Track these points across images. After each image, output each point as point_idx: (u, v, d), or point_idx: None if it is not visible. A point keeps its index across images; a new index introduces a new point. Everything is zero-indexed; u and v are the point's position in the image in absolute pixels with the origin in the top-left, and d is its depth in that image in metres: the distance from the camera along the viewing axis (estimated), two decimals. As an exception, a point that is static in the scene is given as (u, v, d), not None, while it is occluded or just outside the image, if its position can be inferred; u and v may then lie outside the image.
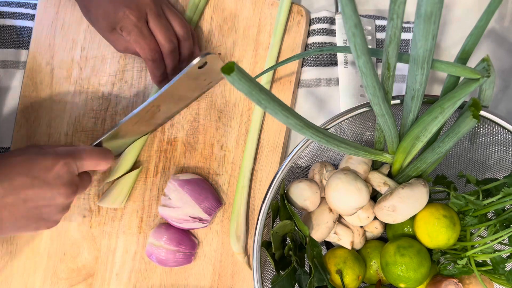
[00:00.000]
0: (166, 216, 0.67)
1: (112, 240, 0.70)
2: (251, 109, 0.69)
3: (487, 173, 0.61)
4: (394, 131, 0.51)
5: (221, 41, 0.70)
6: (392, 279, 0.56)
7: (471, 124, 0.47)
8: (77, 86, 0.72)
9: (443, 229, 0.54)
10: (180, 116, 0.70)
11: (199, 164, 0.70)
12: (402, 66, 0.64)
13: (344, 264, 0.57)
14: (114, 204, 0.68)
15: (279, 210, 0.58)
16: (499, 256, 0.54)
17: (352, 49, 0.41)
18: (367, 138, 0.63)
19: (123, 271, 0.70)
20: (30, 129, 0.72)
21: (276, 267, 0.57)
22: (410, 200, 0.54)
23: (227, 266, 0.68)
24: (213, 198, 0.67)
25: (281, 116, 0.43)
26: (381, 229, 0.61)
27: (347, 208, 0.55)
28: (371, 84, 0.45)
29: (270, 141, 0.68)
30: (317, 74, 0.69)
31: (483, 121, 0.56)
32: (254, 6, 0.69)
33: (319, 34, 0.69)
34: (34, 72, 0.72)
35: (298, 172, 0.62)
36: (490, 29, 0.67)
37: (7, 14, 0.73)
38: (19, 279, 0.71)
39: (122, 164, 0.69)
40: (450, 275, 0.57)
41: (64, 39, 0.72)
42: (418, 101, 0.49)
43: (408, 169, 0.56)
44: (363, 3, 0.70)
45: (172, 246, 0.66)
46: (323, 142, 0.48)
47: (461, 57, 0.51)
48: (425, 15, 0.39)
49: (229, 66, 0.36)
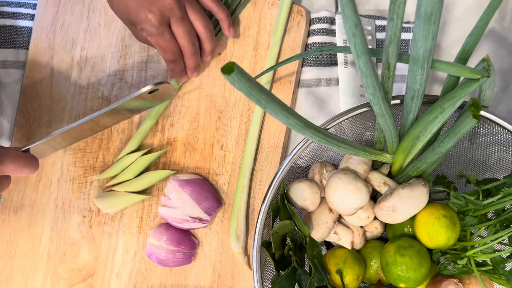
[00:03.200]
0: (166, 216, 0.67)
1: (112, 240, 0.70)
2: (251, 109, 0.69)
3: (487, 173, 0.61)
4: (394, 131, 0.51)
5: (221, 41, 0.70)
6: (392, 279, 0.56)
7: (471, 124, 0.47)
8: (77, 86, 0.72)
9: (443, 229, 0.54)
10: (180, 116, 0.70)
11: (199, 164, 0.70)
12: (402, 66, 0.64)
13: (344, 264, 0.57)
14: (107, 210, 0.68)
15: (279, 210, 0.58)
16: (499, 256, 0.54)
17: (352, 49, 0.41)
18: (367, 138, 0.63)
19: (123, 271, 0.70)
20: (30, 129, 0.72)
21: (276, 267, 0.57)
22: (410, 200, 0.54)
23: (227, 266, 0.68)
24: (213, 198, 0.67)
25: (281, 116, 0.43)
26: (381, 229, 0.61)
27: (347, 208, 0.55)
28: (371, 84, 0.45)
29: (270, 141, 0.68)
30: (317, 74, 0.69)
31: (483, 121, 0.56)
32: (254, 6, 0.69)
33: (319, 34, 0.69)
34: (34, 72, 0.72)
35: (298, 172, 0.62)
36: (490, 29, 0.67)
37: (7, 14, 0.73)
38: (19, 279, 0.71)
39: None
40: (450, 275, 0.57)
41: (64, 39, 0.72)
42: (418, 101, 0.49)
43: (408, 169, 0.56)
44: (363, 3, 0.70)
45: (172, 246, 0.66)
46: (323, 142, 0.48)
47: (461, 57, 0.51)
48: (425, 15, 0.39)
49: (229, 66, 0.36)
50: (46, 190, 0.71)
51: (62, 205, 0.71)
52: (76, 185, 0.71)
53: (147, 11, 0.60)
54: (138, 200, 0.69)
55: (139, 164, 0.69)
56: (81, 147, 0.71)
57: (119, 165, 0.69)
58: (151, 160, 0.69)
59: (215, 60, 0.70)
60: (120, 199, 0.68)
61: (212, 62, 0.70)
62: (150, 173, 0.69)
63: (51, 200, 0.71)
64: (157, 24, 0.61)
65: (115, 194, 0.69)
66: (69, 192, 0.71)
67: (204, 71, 0.70)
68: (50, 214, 0.71)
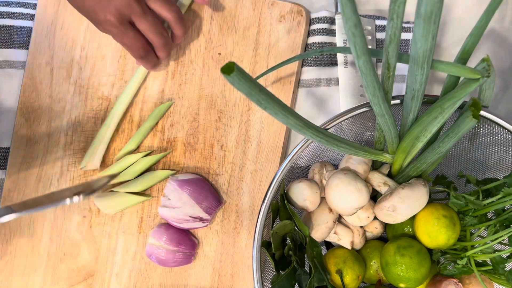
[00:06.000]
0: (166, 217, 0.67)
1: (112, 240, 0.70)
2: (251, 109, 0.69)
3: (487, 173, 0.61)
4: (394, 131, 0.51)
5: (221, 41, 0.70)
6: (392, 279, 0.56)
7: (471, 124, 0.47)
8: (77, 86, 0.72)
9: (443, 229, 0.54)
10: (180, 116, 0.70)
11: (199, 164, 0.70)
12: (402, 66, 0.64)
13: (344, 264, 0.57)
14: (107, 210, 0.68)
15: (279, 210, 0.58)
16: (499, 256, 0.54)
17: (352, 49, 0.41)
18: (367, 138, 0.63)
19: (123, 271, 0.70)
20: (30, 129, 0.72)
21: (276, 267, 0.57)
22: (410, 200, 0.54)
23: (227, 266, 0.68)
24: (212, 197, 0.67)
25: (281, 116, 0.43)
26: (381, 229, 0.61)
27: (347, 208, 0.55)
28: (371, 84, 0.45)
29: (270, 141, 0.68)
30: (317, 74, 0.69)
31: (483, 121, 0.56)
32: (254, 6, 0.69)
33: (319, 34, 0.69)
34: (34, 72, 0.72)
35: (298, 172, 0.62)
36: (490, 29, 0.67)
37: (7, 14, 0.73)
38: (19, 279, 0.71)
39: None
40: (450, 275, 0.57)
41: (64, 39, 0.72)
42: (418, 101, 0.49)
43: (408, 169, 0.56)
44: (363, 3, 0.70)
45: (172, 246, 0.66)
46: (323, 142, 0.48)
47: (461, 57, 0.51)
48: (425, 15, 0.39)
49: (229, 66, 0.36)
50: (46, 190, 0.71)
51: (62, 205, 0.71)
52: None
53: (105, 11, 0.58)
54: (138, 202, 0.69)
55: (140, 165, 0.69)
56: (81, 147, 0.71)
57: (119, 165, 0.69)
58: (152, 161, 0.69)
59: (215, 60, 0.70)
60: (120, 199, 0.68)
61: (212, 62, 0.70)
62: (151, 173, 0.69)
63: (51, 200, 0.71)
64: (117, 24, 0.59)
65: (115, 194, 0.69)
66: (69, 192, 0.71)
67: (204, 71, 0.70)
68: (50, 214, 0.71)
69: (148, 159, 0.69)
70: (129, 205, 0.69)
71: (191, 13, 0.70)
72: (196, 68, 0.70)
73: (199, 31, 0.70)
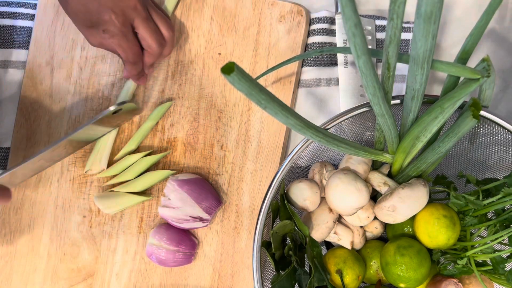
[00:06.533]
0: (166, 217, 0.67)
1: (112, 240, 0.70)
2: (251, 109, 0.69)
3: (487, 173, 0.61)
4: (394, 131, 0.51)
5: (221, 41, 0.70)
6: (392, 279, 0.56)
7: (471, 124, 0.47)
8: (77, 86, 0.72)
9: (443, 229, 0.54)
10: (180, 116, 0.70)
11: (199, 164, 0.70)
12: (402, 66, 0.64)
13: (344, 264, 0.57)
14: (107, 210, 0.68)
15: (279, 210, 0.58)
16: (499, 256, 0.54)
17: (352, 49, 0.41)
18: (367, 138, 0.63)
19: (123, 271, 0.70)
20: (30, 129, 0.72)
21: (276, 267, 0.57)
22: (410, 200, 0.54)
23: (227, 266, 0.68)
24: (212, 197, 0.67)
25: (281, 116, 0.43)
26: (381, 229, 0.61)
27: (347, 208, 0.55)
28: (371, 84, 0.45)
29: (270, 141, 0.68)
30: (317, 74, 0.69)
31: (483, 121, 0.56)
32: (254, 6, 0.69)
33: (319, 34, 0.69)
34: (34, 72, 0.72)
35: (298, 172, 0.62)
36: (490, 29, 0.67)
37: (7, 14, 0.73)
38: (19, 279, 0.71)
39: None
40: (450, 275, 0.57)
41: (64, 39, 0.72)
42: (418, 101, 0.49)
43: (408, 169, 0.56)
44: (363, 3, 0.70)
45: (172, 246, 0.66)
46: (323, 142, 0.48)
47: (461, 57, 0.51)
48: (425, 15, 0.39)
49: (229, 66, 0.36)
50: (46, 190, 0.71)
51: (62, 205, 0.71)
52: (76, 185, 0.71)
53: (110, 11, 0.59)
54: (138, 202, 0.69)
55: (140, 165, 0.69)
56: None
57: (119, 165, 0.69)
58: (152, 161, 0.69)
59: (215, 60, 0.70)
60: (120, 199, 0.68)
61: (212, 62, 0.70)
62: (151, 173, 0.69)
63: (51, 200, 0.71)
64: (120, 25, 0.60)
65: (116, 194, 0.69)
66: (69, 192, 0.71)
67: (204, 71, 0.70)
68: (50, 214, 0.71)
69: (148, 159, 0.69)
70: (129, 205, 0.69)
71: (191, 13, 0.70)
72: (196, 68, 0.70)
73: (199, 31, 0.70)
